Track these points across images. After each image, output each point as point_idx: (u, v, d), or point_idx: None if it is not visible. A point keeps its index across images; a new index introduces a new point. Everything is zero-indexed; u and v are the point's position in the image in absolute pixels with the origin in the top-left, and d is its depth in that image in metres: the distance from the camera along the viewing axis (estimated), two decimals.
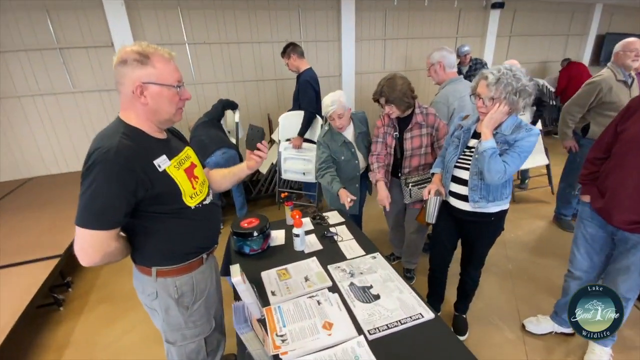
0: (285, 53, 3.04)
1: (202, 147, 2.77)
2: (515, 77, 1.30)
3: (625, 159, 1.39)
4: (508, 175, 1.37)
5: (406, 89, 1.82)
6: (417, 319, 1.10)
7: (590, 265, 1.64)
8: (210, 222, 1.19)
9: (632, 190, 1.36)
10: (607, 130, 1.52)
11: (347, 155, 2.05)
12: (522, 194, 3.62)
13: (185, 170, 1.08)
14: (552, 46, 6.19)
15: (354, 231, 1.73)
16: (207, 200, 1.16)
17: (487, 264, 1.72)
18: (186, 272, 1.12)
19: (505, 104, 1.33)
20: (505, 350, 1.76)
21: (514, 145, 1.36)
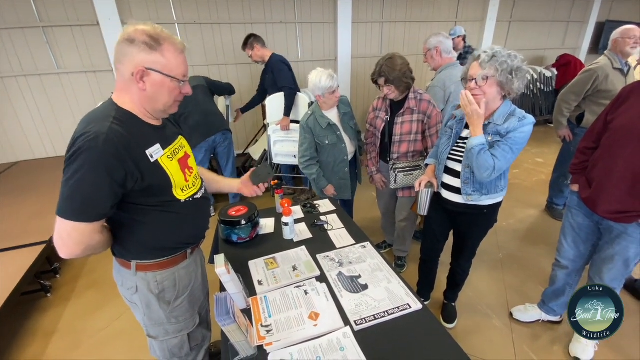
0: (247, 44, 2.96)
1: (201, 126, 2.69)
2: (510, 56, 1.24)
3: (612, 149, 1.37)
4: (498, 172, 1.31)
5: (406, 69, 1.78)
6: (404, 310, 1.08)
7: (576, 254, 1.64)
8: (199, 218, 1.13)
9: (617, 180, 1.35)
10: (598, 120, 1.49)
11: (332, 139, 2.01)
12: (514, 183, 3.62)
13: (179, 160, 1.01)
14: (552, 33, 6.08)
15: (345, 220, 1.70)
16: (199, 194, 1.10)
17: (477, 253, 1.72)
18: (168, 267, 1.06)
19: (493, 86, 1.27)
20: (493, 338, 1.78)
21: (506, 137, 1.30)
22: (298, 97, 2.99)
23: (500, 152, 1.30)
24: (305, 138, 2.04)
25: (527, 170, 3.92)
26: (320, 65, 4.34)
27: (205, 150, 2.79)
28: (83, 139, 0.81)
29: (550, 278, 1.80)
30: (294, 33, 4.16)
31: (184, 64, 0.94)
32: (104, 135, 0.81)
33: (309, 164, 2.07)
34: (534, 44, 6.01)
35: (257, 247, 1.50)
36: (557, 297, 1.77)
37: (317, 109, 2.00)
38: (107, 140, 0.81)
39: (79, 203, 0.83)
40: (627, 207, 1.34)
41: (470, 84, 1.32)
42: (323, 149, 2.04)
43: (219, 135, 2.79)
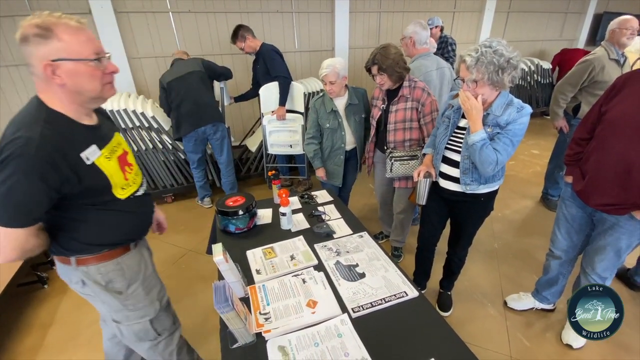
0: (238, 36, 2.86)
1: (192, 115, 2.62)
2: (496, 53, 1.22)
3: (606, 141, 1.35)
4: (500, 165, 1.33)
5: (399, 58, 1.78)
6: (401, 297, 1.10)
7: (570, 245, 1.67)
8: (140, 214, 1.12)
9: (609, 173, 1.34)
10: (592, 110, 1.48)
11: (332, 124, 2.07)
12: (510, 174, 3.64)
13: (118, 158, 0.99)
14: (550, 24, 6.05)
15: (342, 210, 1.71)
16: (140, 191, 1.08)
17: (473, 243, 1.73)
18: (110, 258, 1.03)
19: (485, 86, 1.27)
20: (488, 326, 1.81)
21: (505, 129, 1.31)
22: (293, 87, 2.96)
23: (502, 146, 1.31)
24: (311, 117, 2.15)
25: (522, 161, 3.94)
26: (317, 55, 4.33)
27: (195, 140, 2.71)
28: (14, 145, 0.76)
29: (544, 267, 1.83)
30: (291, 23, 4.10)
31: (89, 40, 0.86)
32: (35, 142, 0.77)
33: (310, 141, 2.18)
34: (532, 35, 5.98)
35: (255, 237, 1.50)
36: (550, 285, 1.80)
37: (327, 93, 2.05)
38: (40, 146, 0.77)
39: (13, 210, 0.80)
40: (620, 200, 1.34)
41: (464, 85, 1.32)
42: (324, 132, 2.13)
43: (209, 127, 2.69)
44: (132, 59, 3.45)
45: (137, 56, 3.49)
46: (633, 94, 1.30)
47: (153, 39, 3.53)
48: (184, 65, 2.70)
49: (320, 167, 2.20)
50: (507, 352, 1.66)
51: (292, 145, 3.08)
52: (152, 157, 2.97)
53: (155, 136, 2.89)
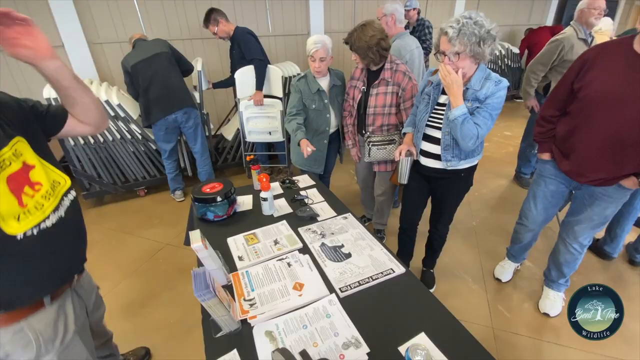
0: (210, 20, 2.70)
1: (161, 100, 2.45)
2: (477, 24, 1.21)
3: (591, 118, 1.34)
4: (480, 139, 1.35)
5: (374, 43, 1.69)
6: (388, 274, 1.09)
7: (545, 218, 1.74)
8: (55, 255, 0.81)
9: (600, 149, 1.34)
10: (561, 87, 1.47)
11: (318, 105, 1.97)
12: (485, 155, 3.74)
13: (8, 179, 0.71)
14: (519, 9, 6.21)
15: (325, 193, 1.68)
16: (51, 219, 0.78)
17: (453, 222, 1.76)
18: (6, 323, 0.76)
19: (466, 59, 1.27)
20: (470, 300, 1.86)
21: (484, 103, 1.32)
22: (270, 70, 2.84)
23: (482, 120, 1.31)
24: (293, 97, 2.01)
25: (496, 143, 4.06)
26: (292, 39, 4.22)
27: (166, 128, 2.55)
28: None
29: (516, 238, 1.91)
30: (264, 7, 3.95)
31: None
32: None
33: (292, 118, 1.97)
34: (503, 20, 6.11)
35: (236, 224, 1.44)
36: (524, 250, 1.94)
37: (310, 73, 1.96)
38: None
39: None
40: (613, 174, 1.36)
41: (445, 58, 1.30)
42: (309, 114, 2.01)
43: (180, 114, 2.52)
44: (93, 44, 3.21)
45: (98, 41, 3.25)
46: (609, 69, 1.29)
47: (115, 23, 3.29)
48: (149, 46, 2.51)
49: (303, 137, 1.85)
50: (488, 323, 1.71)
51: (272, 132, 2.99)
52: (121, 148, 2.80)
53: (123, 126, 2.72)
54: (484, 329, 1.68)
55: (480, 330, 1.67)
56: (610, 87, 1.27)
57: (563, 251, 1.67)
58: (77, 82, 0.86)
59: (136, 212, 2.82)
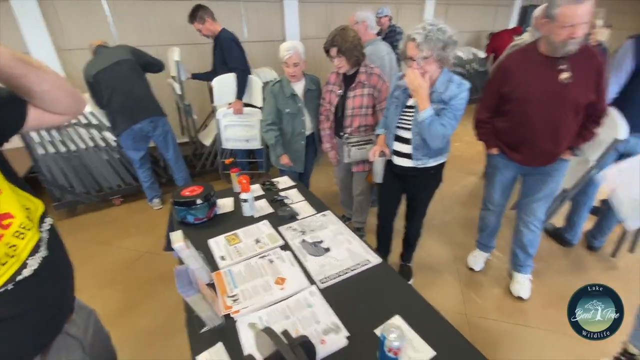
0: (196, 17, 2.67)
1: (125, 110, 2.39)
2: (440, 30, 1.31)
3: (528, 114, 1.56)
4: (447, 138, 1.47)
5: (357, 42, 1.80)
6: (365, 265, 1.15)
7: (504, 200, 1.93)
8: (43, 307, 0.66)
9: (542, 136, 1.57)
10: (489, 94, 1.69)
11: (293, 109, 2.04)
12: (457, 155, 3.93)
13: None
14: (484, 16, 6.56)
15: (305, 193, 1.73)
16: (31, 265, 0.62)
17: (427, 218, 1.86)
18: None
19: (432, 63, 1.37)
20: (445, 290, 1.96)
21: (449, 104, 1.42)
22: (251, 80, 2.85)
23: (447, 121, 1.41)
24: (268, 102, 2.09)
25: (467, 142, 4.27)
26: (268, 45, 4.26)
27: (133, 138, 2.48)
28: None
29: (483, 225, 2.06)
30: (239, 12, 3.98)
31: None
32: None
33: (269, 128, 2.10)
34: (470, 26, 6.44)
35: (216, 226, 1.46)
36: (491, 236, 2.09)
37: (284, 78, 2.03)
38: None
39: None
40: (555, 152, 1.61)
41: (413, 63, 1.39)
42: (283, 117, 2.08)
43: (146, 123, 2.45)
44: (61, 51, 3.12)
45: (67, 47, 3.16)
46: (527, 72, 1.53)
47: (85, 29, 3.22)
48: (110, 54, 2.45)
49: (283, 154, 2.14)
50: (463, 311, 1.81)
51: (249, 140, 3.00)
52: (94, 156, 2.73)
53: (96, 133, 2.66)
54: (458, 315, 1.78)
55: (454, 317, 1.76)
56: (534, 86, 1.51)
57: (525, 232, 1.84)
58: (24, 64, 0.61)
59: (112, 222, 2.75)
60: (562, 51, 1.42)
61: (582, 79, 1.46)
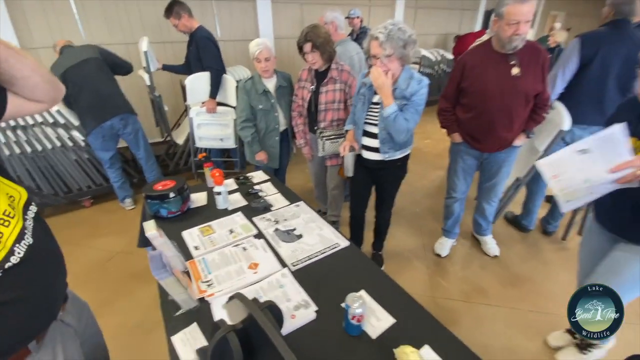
0: (173, 12, 2.66)
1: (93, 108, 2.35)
2: (401, 29, 1.41)
3: (487, 107, 1.74)
4: (410, 132, 1.58)
5: (329, 38, 1.89)
6: (334, 248, 1.23)
7: (466, 187, 2.10)
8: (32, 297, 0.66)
9: (498, 125, 1.76)
10: (450, 87, 1.88)
11: (265, 105, 2.10)
12: (426, 151, 4.11)
13: None
14: (451, 19, 6.87)
15: (278, 186, 1.78)
16: (18, 253, 0.62)
17: (398, 210, 1.98)
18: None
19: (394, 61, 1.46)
20: (413, 275, 2.08)
21: (410, 100, 1.52)
22: (225, 80, 2.86)
23: (410, 115, 1.51)
24: (241, 99, 2.14)
25: (436, 139, 4.48)
26: (242, 44, 4.27)
27: (103, 137, 2.44)
28: None
29: (448, 213, 2.22)
30: (211, 11, 3.98)
31: None
32: None
33: (244, 125, 2.15)
34: (438, 29, 6.72)
35: (190, 219, 1.48)
36: (455, 223, 2.24)
37: (256, 75, 2.08)
38: None
39: None
40: (511, 137, 1.81)
41: (377, 61, 1.48)
42: (257, 113, 2.14)
43: (116, 121, 2.42)
44: (27, 50, 3.00)
45: (33, 46, 3.05)
46: (483, 67, 1.71)
47: (52, 27, 3.12)
48: (77, 53, 2.40)
49: (259, 150, 2.20)
50: (430, 294, 1.93)
51: (224, 139, 3.01)
52: (61, 156, 2.64)
53: (64, 133, 2.58)
54: (426, 298, 1.89)
55: (422, 299, 1.82)
56: (490, 80, 1.69)
57: (486, 207, 2.14)
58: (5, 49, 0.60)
59: (81, 223, 2.68)
60: (509, 47, 1.59)
61: (530, 73, 1.64)
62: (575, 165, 1.02)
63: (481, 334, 1.69)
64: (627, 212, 1.12)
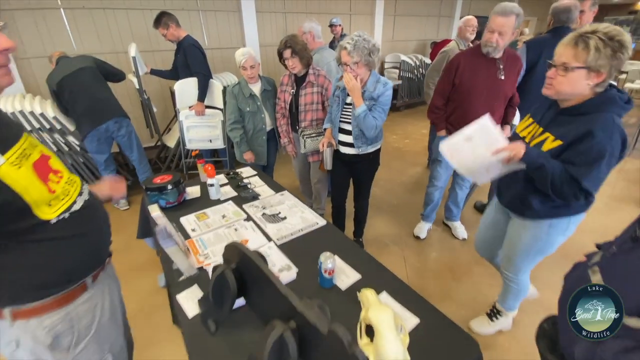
0: (161, 23, 2.85)
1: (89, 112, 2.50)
2: (365, 40, 1.64)
3: (472, 104, 1.97)
4: (379, 128, 1.80)
5: (305, 45, 2.12)
6: (314, 226, 1.43)
7: (447, 177, 2.33)
8: (89, 237, 0.85)
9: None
10: (445, 84, 2.07)
11: (252, 107, 2.32)
12: (406, 150, 4.37)
13: (34, 165, 0.72)
14: (428, 26, 7.24)
15: (265, 179, 1.98)
16: (79, 202, 0.82)
17: (378, 202, 2.21)
18: (59, 306, 0.80)
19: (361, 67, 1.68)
20: (390, 259, 2.30)
21: (377, 101, 1.75)
22: (212, 84, 3.05)
23: (378, 114, 1.74)
24: (230, 103, 2.34)
25: (415, 139, 4.75)
26: (228, 52, 4.48)
27: (98, 139, 2.58)
28: None
29: (428, 200, 2.46)
30: (198, 21, 4.16)
31: None
32: None
33: (233, 127, 2.35)
34: (416, 35, 7.07)
35: (186, 208, 1.66)
36: (434, 209, 2.50)
37: (243, 80, 2.29)
38: None
39: None
40: None
41: (347, 68, 1.70)
42: (245, 115, 2.35)
43: (111, 124, 2.57)
44: (19, 60, 3.13)
45: (25, 56, 3.17)
46: (473, 68, 1.93)
47: (43, 37, 3.25)
48: (72, 62, 2.57)
49: (247, 150, 2.41)
50: (405, 275, 2.15)
51: (212, 140, 3.18)
52: None
53: (60, 138, 2.72)
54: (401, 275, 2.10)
55: None
56: (479, 80, 1.93)
57: (459, 192, 2.40)
58: None
59: None
60: (484, 50, 1.86)
61: (510, 77, 1.93)
62: (464, 150, 1.19)
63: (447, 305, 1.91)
64: (518, 190, 1.28)
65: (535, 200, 1.24)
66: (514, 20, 1.73)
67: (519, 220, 1.37)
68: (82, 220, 0.82)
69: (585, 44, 1.00)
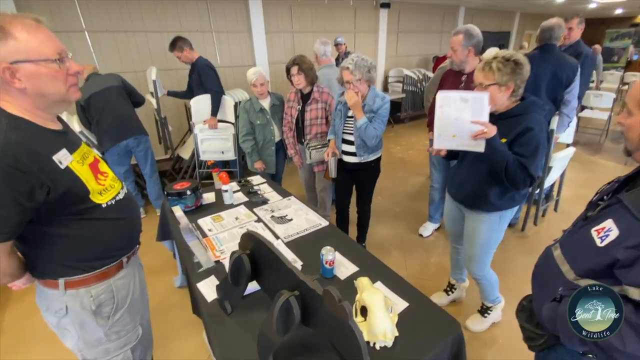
0: (176, 47, 3.11)
1: (113, 129, 2.71)
2: (363, 59, 1.83)
3: None
4: (379, 138, 1.97)
5: (312, 65, 2.33)
6: (317, 226, 1.58)
7: (444, 177, 2.49)
8: (128, 220, 1.03)
9: None
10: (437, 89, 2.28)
11: (262, 120, 2.52)
12: (410, 160, 4.52)
13: (90, 165, 0.92)
14: (431, 41, 7.49)
15: (274, 186, 2.15)
16: (121, 194, 1.01)
17: (380, 210, 2.35)
18: (103, 279, 0.97)
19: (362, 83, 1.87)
20: (392, 262, 2.39)
21: (377, 113, 1.93)
22: (224, 100, 3.29)
23: (377, 125, 1.92)
24: (242, 117, 2.57)
25: (419, 150, 4.90)
26: (239, 70, 4.75)
27: (118, 153, 2.79)
28: None
29: (430, 199, 2.65)
30: (211, 41, 4.45)
31: (50, 39, 0.81)
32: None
33: (245, 138, 2.56)
34: (419, 50, 7.31)
35: (203, 212, 1.83)
36: (437, 209, 2.65)
37: (253, 97, 2.52)
38: (4, 151, 0.73)
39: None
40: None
41: (350, 85, 1.88)
42: (256, 128, 2.55)
43: (132, 140, 2.77)
44: None
45: None
46: (450, 81, 2.22)
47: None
48: (102, 80, 2.80)
49: (258, 159, 2.60)
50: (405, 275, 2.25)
51: (224, 151, 3.39)
52: None
53: None
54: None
55: None
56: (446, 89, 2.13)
57: None
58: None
59: None
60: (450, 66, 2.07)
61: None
62: (455, 105, 1.32)
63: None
64: (475, 185, 1.47)
65: (493, 194, 1.43)
66: (462, 37, 1.99)
67: (473, 216, 1.55)
68: (124, 207, 1.01)
69: (489, 67, 1.30)
